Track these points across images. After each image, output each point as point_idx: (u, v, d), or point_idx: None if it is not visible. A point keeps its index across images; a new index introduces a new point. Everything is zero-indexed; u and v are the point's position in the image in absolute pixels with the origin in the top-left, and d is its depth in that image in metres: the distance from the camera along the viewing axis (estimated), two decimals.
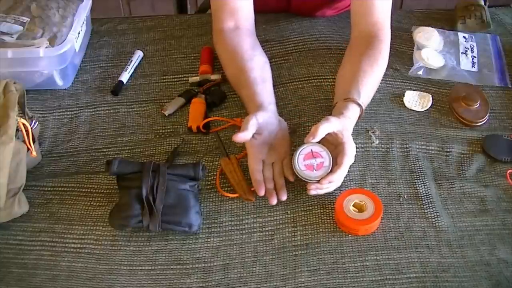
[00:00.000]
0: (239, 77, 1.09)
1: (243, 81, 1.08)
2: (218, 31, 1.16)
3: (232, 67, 1.12)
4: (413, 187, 0.98)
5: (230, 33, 1.15)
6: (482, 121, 1.10)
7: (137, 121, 1.14)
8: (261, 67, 1.11)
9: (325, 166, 0.93)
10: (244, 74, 1.08)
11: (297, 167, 0.94)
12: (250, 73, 1.08)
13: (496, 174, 1.01)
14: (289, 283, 0.87)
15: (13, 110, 0.91)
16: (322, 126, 0.92)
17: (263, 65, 1.12)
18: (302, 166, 0.94)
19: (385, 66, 1.11)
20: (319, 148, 0.94)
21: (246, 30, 1.16)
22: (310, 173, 0.93)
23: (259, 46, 1.16)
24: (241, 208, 0.97)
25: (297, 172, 0.94)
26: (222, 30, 1.15)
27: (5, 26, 1.12)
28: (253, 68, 1.09)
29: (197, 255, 0.91)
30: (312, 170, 0.93)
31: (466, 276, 0.87)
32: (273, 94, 1.08)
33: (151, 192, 0.91)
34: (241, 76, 1.09)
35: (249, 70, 1.08)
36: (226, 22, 1.15)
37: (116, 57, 1.27)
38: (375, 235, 0.92)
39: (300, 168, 0.94)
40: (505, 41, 1.29)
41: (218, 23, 1.16)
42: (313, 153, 0.94)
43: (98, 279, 0.88)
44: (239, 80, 1.10)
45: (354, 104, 1.00)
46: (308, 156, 0.94)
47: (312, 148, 0.94)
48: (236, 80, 1.11)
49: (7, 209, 0.93)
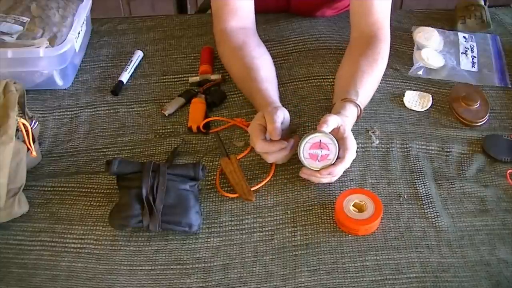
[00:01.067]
0: (248, 73, 1.08)
1: (252, 78, 1.07)
2: (221, 31, 1.16)
3: (239, 64, 1.11)
4: (413, 187, 0.98)
5: (235, 32, 1.15)
6: (482, 121, 1.10)
7: (137, 121, 1.14)
8: (269, 66, 1.12)
9: (328, 159, 0.93)
10: (253, 72, 1.08)
11: (301, 153, 0.93)
12: (260, 71, 1.08)
13: (496, 174, 1.01)
14: (289, 283, 0.87)
15: (13, 110, 0.91)
16: (331, 118, 0.92)
17: (271, 65, 1.13)
18: (306, 154, 0.93)
19: (384, 66, 1.11)
20: (329, 140, 0.92)
21: (250, 29, 1.17)
22: (312, 162, 0.93)
23: (263, 45, 1.17)
24: (241, 208, 0.97)
25: (300, 158, 0.94)
26: (225, 30, 1.15)
27: (5, 26, 1.12)
28: (262, 66, 1.09)
29: (197, 255, 0.91)
30: (315, 160, 0.93)
31: (466, 276, 0.87)
32: (278, 95, 1.08)
33: (151, 192, 0.91)
34: (251, 73, 1.08)
35: (259, 67, 1.09)
36: (228, 21, 1.15)
37: (116, 57, 1.27)
38: (375, 235, 0.92)
39: (303, 156, 0.93)
40: (505, 41, 1.29)
41: (220, 23, 1.16)
42: (321, 144, 0.93)
43: (98, 279, 0.88)
44: (247, 76, 1.09)
45: (352, 104, 1.00)
46: (316, 145, 0.93)
47: (322, 139, 0.92)
48: (244, 76, 1.10)
49: (7, 209, 0.93)
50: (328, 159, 0.93)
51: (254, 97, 1.07)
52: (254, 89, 1.07)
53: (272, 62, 1.14)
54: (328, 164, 0.94)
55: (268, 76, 1.09)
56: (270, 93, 1.05)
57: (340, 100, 1.01)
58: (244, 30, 1.15)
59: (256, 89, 1.06)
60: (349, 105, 1.00)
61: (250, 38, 1.15)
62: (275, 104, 1.02)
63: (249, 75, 1.08)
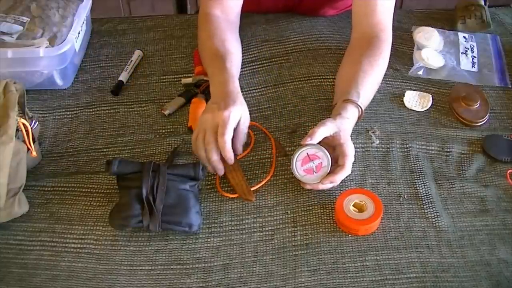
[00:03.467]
0: (217, 59, 1.09)
1: (220, 63, 1.07)
2: (205, 15, 1.18)
3: (214, 42, 1.12)
4: (413, 187, 0.98)
5: (217, 18, 1.17)
6: (482, 121, 1.10)
7: (137, 121, 1.14)
8: (239, 59, 1.14)
9: (324, 166, 0.94)
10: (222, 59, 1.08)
11: (297, 174, 0.94)
12: (231, 56, 1.09)
13: (496, 174, 1.01)
14: (289, 283, 0.87)
15: (13, 110, 0.91)
16: (319, 130, 0.92)
17: (239, 58, 1.15)
18: (302, 172, 0.94)
19: (385, 67, 1.11)
20: (314, 149, 0.93)
21: (232, 22, 1.19)
22: (311, 176, 0.94)
23: (240, 42, 1.18)
24: (241, 208, 0.97)
25: (298, 179, 0.94)
26: (208, 14, 1.17)
27: (5, 26, 1.12)
28: (234, 54, 1.11)
29: (197, 255, 0.91)
30: (312, 173, 0.94)
31: (466, 276, 0.87)
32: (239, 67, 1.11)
33: (151, 192, 0.91)
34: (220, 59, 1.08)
35: (231, 53, 1.10)
36: (213, 8, 1.17)
37: (116, 57, 1.27)
38: (375, 235, 0.92)
39: (300, 174, 0.94)
40: (505, 41, 1.29)
41: (206, 8, 1.18)
42: (309, 156, 0.94)
43: (98, 279, 0.88)
44: (216, 60, 1.09)
45: (353, 105, 1.00)
46: (305, 160, 0.94)
47: (308, 151, 0.93)
48: (213, 60, 1.10)
49: (7, 209, 0.93)
50: (324, 166, 0.94)
51: (213, 74, 1.07)
52: (217, 67, 1.07)
53: (240, 60, 1.15)
54: (326, 171, 0.94)
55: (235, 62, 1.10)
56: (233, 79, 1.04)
57: (341, 101, 1.01)
58: (227, 22, 1.17)
59: (219, 67, 1.06)
60: (350, 106, 1.00)
61: (231, 30, 1.17)
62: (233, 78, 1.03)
63: (217, 59, 1.09)
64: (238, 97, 1.00)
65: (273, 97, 1.15)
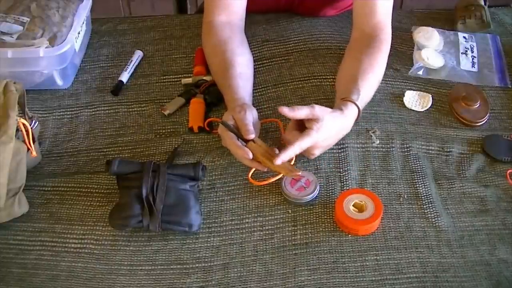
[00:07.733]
0: (226, 68, 1.09)
1: (228, 73, 1.08)
2: (209, 23, 1.18)
3: (219, 58, 1.13)
4: (413, 187, 0.98)
5: (221, 26, 1.16)
6: (482, 121, 1.10)
7: (137, 121, 1.14)
8: (248, 64, 1.13)
9: (312, 180, 0.96)
10: (231, 67, 1.09)
11: (291, 195, 0.95)
12: (237, 67, 1.09)
13: (496, 174, 1.01)
14: (289, 282, 0.87)
15: (13, 110, 0.91)
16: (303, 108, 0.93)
17: (250, 63, 1.14)
18: (295, 192, 0.96)
19: (385, 66, 1.11)
20: (294, 174, 0.94)
21: (237, 26, 1.18)
22: (303, 193, 0.95)
23: (247, 43, 1.18)
24: (241, 207, 0.97)
25: (294, 200, 0.96)
26: (212, 22, 1.17)
27: (5, 26, 1.12)
28: (241, 63, 1.10)
29: (197, 254, 0.91)
30: (304, 189, 0.96)
31: (466, 276, 0.87)
32: (251, 93, 1.09)
33: (151, 192, 0.91)
34: (228, 68, 1.09)
35: (238, 64, 1.10)
36: (217, 15, 1.17)
37: (116, 57, 1.27)
38: (375, 235, 0.92)
39: (295, 194, 0.95)
40: (505, 41, 1.29)
41: (209, 16, 1.18)
42: (294, 178, 0.96)
43: (98, 279, 0.88)
44: (224, 71, 1.10)
45: (352, 104, 1.00)
46: (293, 182, 0.96)
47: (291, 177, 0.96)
48: (221, 70, 1.11)
49: (7, 209, 0.93)
50: (311, 180, 0.96)
51: (225, 92, 1.08)
52: (226, 84, 1.08)
53: (252, 61, 1.15)
54: (315, 183, 0.96)
55: (243, 73, 1.09)
56: (240, 89, 1.05)
57: (340, 99, 1.01)
58: (231, 25, 1.17)
59: (228, 84, 1.07)
60: (349, 105, 1.00)
61: (236, 34, 1.16)
62: (242, 100, 1.02)
63: (226, 69, 1.09)
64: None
65: (273, 97, 1.15)
